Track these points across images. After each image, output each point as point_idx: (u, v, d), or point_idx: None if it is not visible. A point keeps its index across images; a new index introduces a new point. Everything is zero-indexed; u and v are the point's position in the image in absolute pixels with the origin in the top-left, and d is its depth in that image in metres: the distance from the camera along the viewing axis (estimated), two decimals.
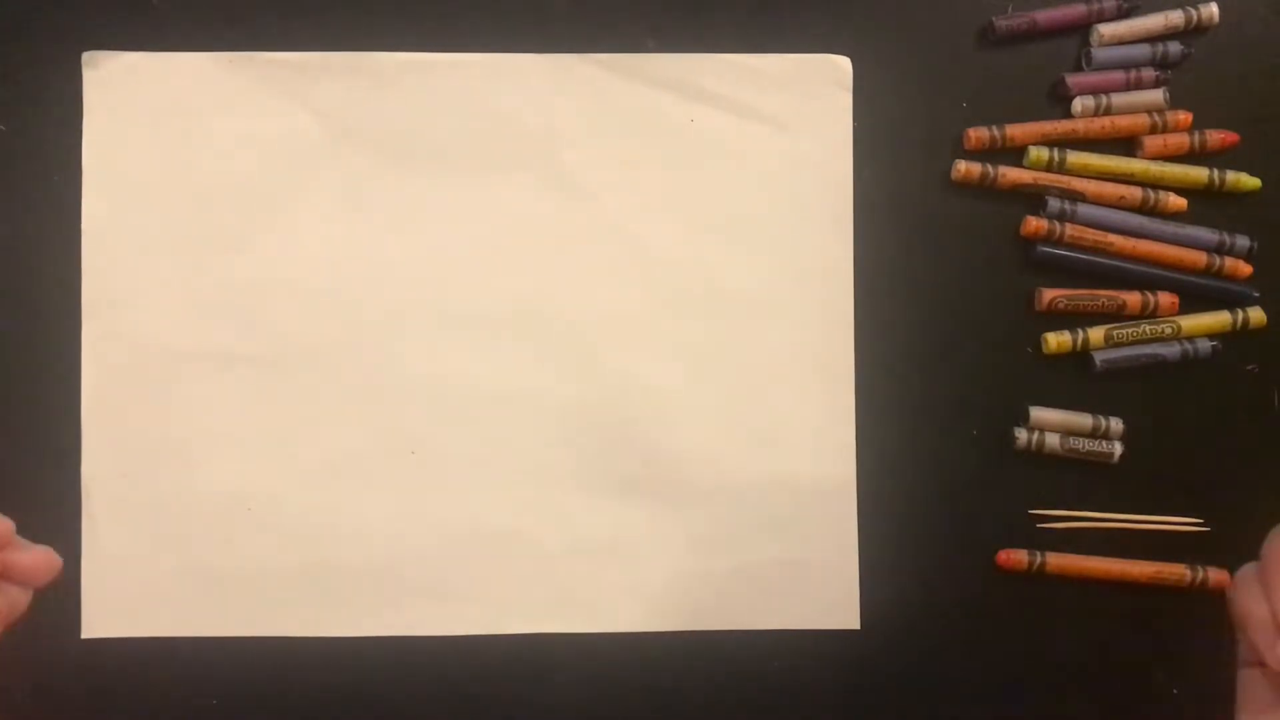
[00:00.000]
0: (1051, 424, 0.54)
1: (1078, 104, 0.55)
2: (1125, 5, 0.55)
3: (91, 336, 0.52)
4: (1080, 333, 0.54)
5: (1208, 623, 0.55)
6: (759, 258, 0.54)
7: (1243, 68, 0.56)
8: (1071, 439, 0.54)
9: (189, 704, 0.52)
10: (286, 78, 0.53)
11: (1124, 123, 0.55)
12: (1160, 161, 0.55)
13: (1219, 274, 0.55)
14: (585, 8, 0.54)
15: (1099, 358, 0.54)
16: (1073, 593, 0.54)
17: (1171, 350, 0.54)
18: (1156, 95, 0.55)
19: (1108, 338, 0.54)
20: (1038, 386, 0.55)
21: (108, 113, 0.53)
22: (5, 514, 0.52)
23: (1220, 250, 0.55)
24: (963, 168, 0.54)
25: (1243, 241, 0.55)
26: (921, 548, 0.54)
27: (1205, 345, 0.54)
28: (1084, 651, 0.55)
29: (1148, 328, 0.54)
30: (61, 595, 0.52)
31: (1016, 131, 0.54)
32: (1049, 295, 0.54)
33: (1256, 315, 0.55)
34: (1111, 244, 0.54)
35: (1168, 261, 0.55)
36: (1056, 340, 0.54)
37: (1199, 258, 0.55)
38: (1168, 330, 0.54)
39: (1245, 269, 0.55)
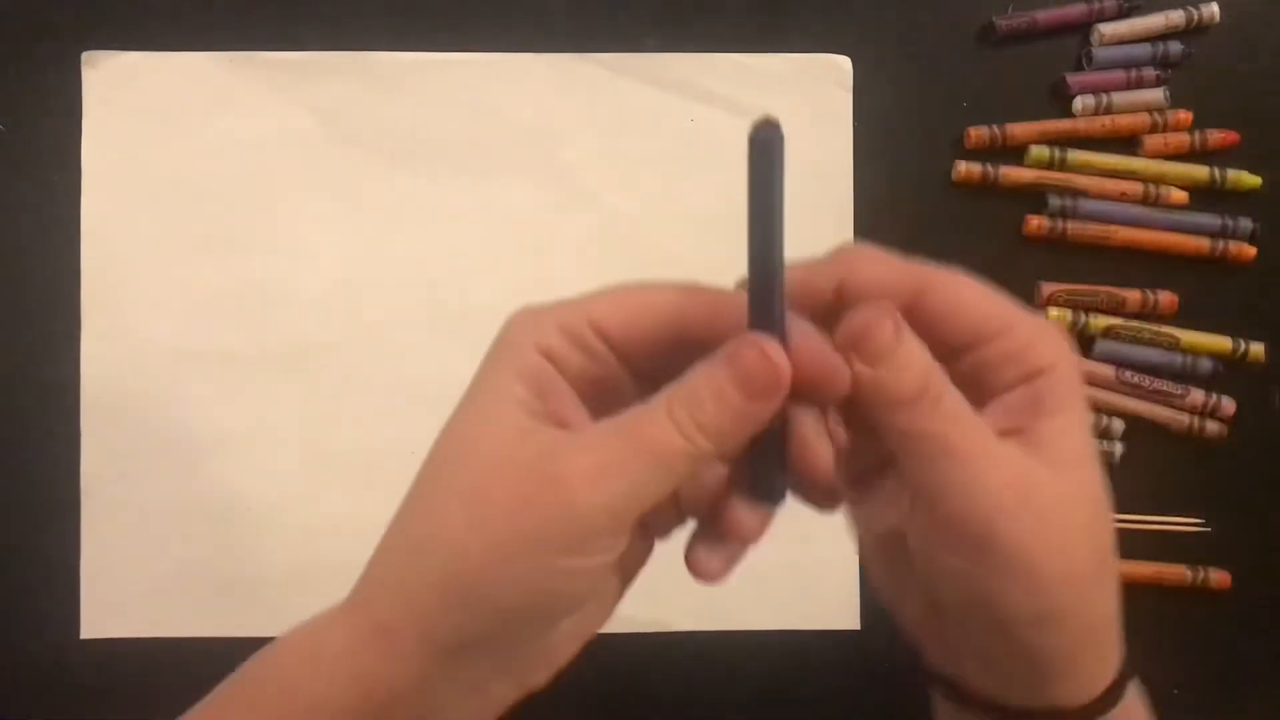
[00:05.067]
0: None
1: (1078, 103, 0.55)
2: (1126, 5, 0.55)
3: (91, 336, 0.52)
4: (1081, 316, 0.54)
5: (1208, 623, 0.55)
6: None
7: (1243, 67, 0.56)
8: None
9: (189, 704, 0.52)
10: (286, 78, 0.53)
11: (1124, 122, 0.55)
12: (1161, 160, 0.55)
13: (1223, 257, 0.55)
14: (585, 8, 0.54)
15: (1099, 346, 0.54)
16: None
17: (1173, 360, 0.54)
18: (1157, 94, 0.55)
19: (1108, 330, 0.54)
20: None
21: (107, 113, 0.53)
22: (5, 514, 0.52)
23: (1223, 234, 0.55)
24: (963, 168, 0.54)
25: (1245, 224, 0.55)
26: None
27: (1205, 364, 0.54)
28: None
29: (1149, 332, 0.54)
30: (61, 595, 0.52)
31: (1017, 130, 0.54)
32: (1049, 289, 0.54)
33: (1256, 349, 0.55)
34: (1114, 234, 0.54)
35: (1171, 250, 0.55)
36: (1058, 315, 0.54)
37: (1202, 243, 0.55)
38: (1167, 341, 0.54)
39: (1249, 251, 0.55)
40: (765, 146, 0.27)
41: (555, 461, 0.26)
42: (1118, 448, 0.54)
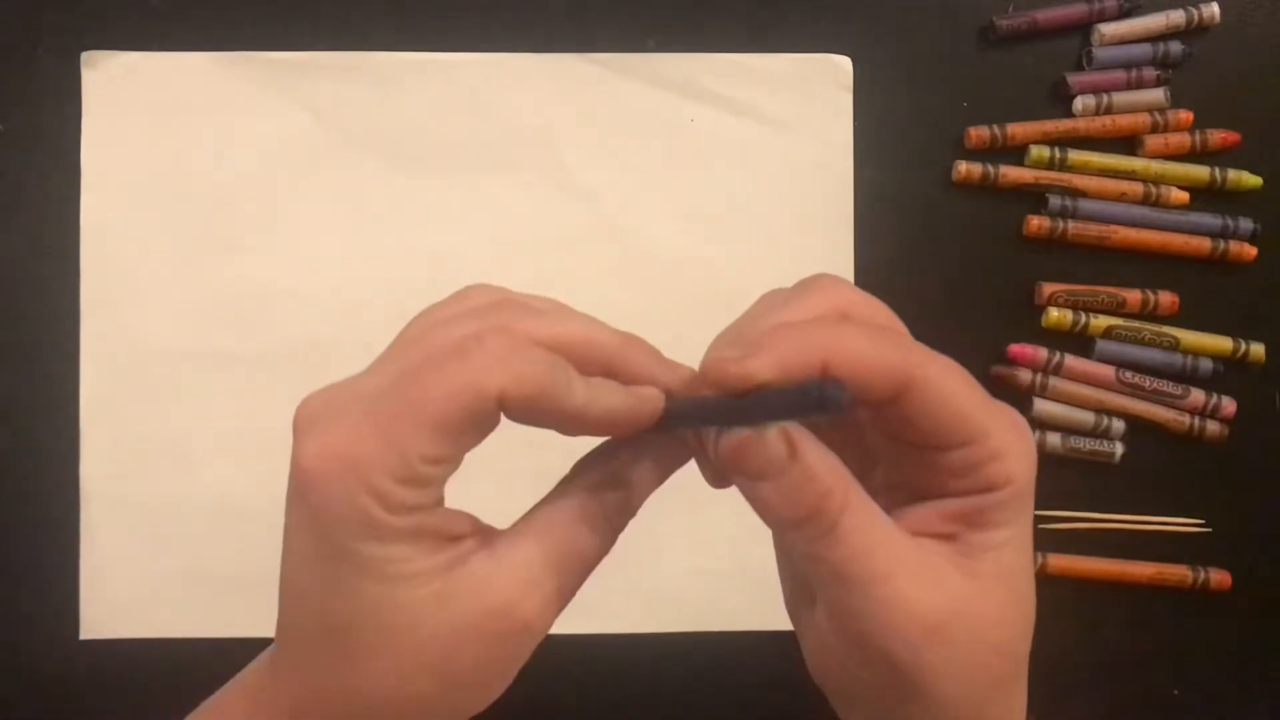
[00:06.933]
0: (1053, 419, 0.54)
1: (1079, 103, 0.54)
2: (1126, 5, 0.55)
3: (90, 336, 0.52)
4: (1082, 316, 0.54)
5: (1208, 623, 0.55)
6: (759, 258, 0.54)
7: (1244, 67, 0.56)
8: (1073, 438, 0.54)
9: (188, 704, 0.52)
10: (286, 78, 0.53)
11: (1125, 122, 0.55)
12: (1161, 160, 0.55)
13: (1223, 258, 0.55)
14: (585, 8, 0.54)
15: (1099, 346, 0.54)
16: (1073, 593, 0.54)
17: (1173, 360, 0.54)
18: (1158, 94, 0.55)
19: (1109, 330, 0.54)
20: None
21: (107, 112, 0.53)
22: (4, 514, 0.52)
23: (1224, 234, 0.55)
24: (963, 168, 0.54)
25: (1246, 224, 0.55)
26: None
27: (1206, 364, 0.54)
28: (1084, 651, 0.54)
29: (1149, 332, 0.54)
30: (60, 596, 0.52)
31: (1017, 130, 0.54)
32: (1049, 290, 0.54)
33: (1256, 350, 0.55)
34: (1115, 234, 0.54)
35: (1172, 250, 0.55)
36: (1058, 314, 0.54)
37: (1202, 244, 0.55)
38: (1167, 342, 0.54)
39: (1250, 251, 0.55)
40: (825, 403, 0.22)
41: (511, 607, 0.26)
42: (1118, 448, 0.54)
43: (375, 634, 0.26)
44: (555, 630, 0.56)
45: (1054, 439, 0.54)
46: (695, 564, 0.53)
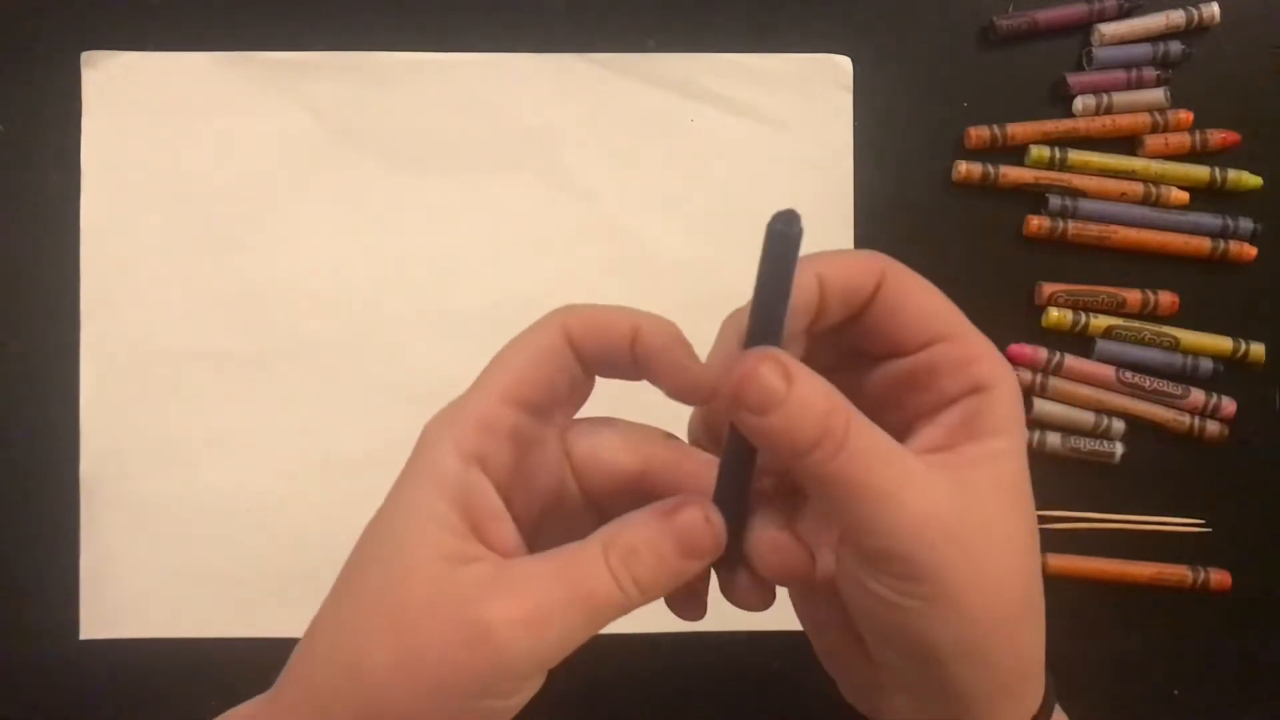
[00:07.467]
0: (1053, 419, 0.54)
1: (1079, 103, 0.54)
2: (1126, 5, 0.55)
3: (90, 336, 0.52)
4: (1082, 316, 0.54)
5: (1208, 623, 0.55)
6: (759, 258, 0.54)
7: (1244, 67, 0.56)
8: (1073, 439, 0.54)
9: (188, 704, 0.52)
10: (286, 78, 0.53)
11: (1125, 122, 0.55)
12: (1161, 160, 0.55)
13: (1223, 258, 0.55)
14: (585, 8, 0.54)
15: (1099, 346, 0.54)
16: (1073, 593, 0.54)
17: (1173, 360, 0.54)
18: (1158, 94, 0.55)
19: (1109, 330, 0.54)
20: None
21: (107, 112, 0.53)
22: (4, 514, 0.52)
23: (1224, 234, 0.55)
24: (963, 169, 0.54)
25: (1246, 224, 0.55)
26: None
27: (1206, 364, 0.54)
28: (1084, 651, 0.55)
29: (1149, 332, 0.54)
30: (60, 596, 0.52)
31: (1017, 130, 0.54)
32: (1049, 289, 0.54)
33: (1256, 350, 0.55)
34: (1115, 234, 0.54)
35: (1172, 250, 0.55)
36: (1058, 314, 0.54)
37: (1202, 244, 0.55)
38: (1167, 342, 0.54)
39: (1250, 251, 0.55)
40: (784, 238, 0.26)
41: (485, 607, 0.26)
42: (1118, 448, 0.54)
43: (380, 588, 0.27)
44: None
45: (1054, 439, 0.54)
46: None
